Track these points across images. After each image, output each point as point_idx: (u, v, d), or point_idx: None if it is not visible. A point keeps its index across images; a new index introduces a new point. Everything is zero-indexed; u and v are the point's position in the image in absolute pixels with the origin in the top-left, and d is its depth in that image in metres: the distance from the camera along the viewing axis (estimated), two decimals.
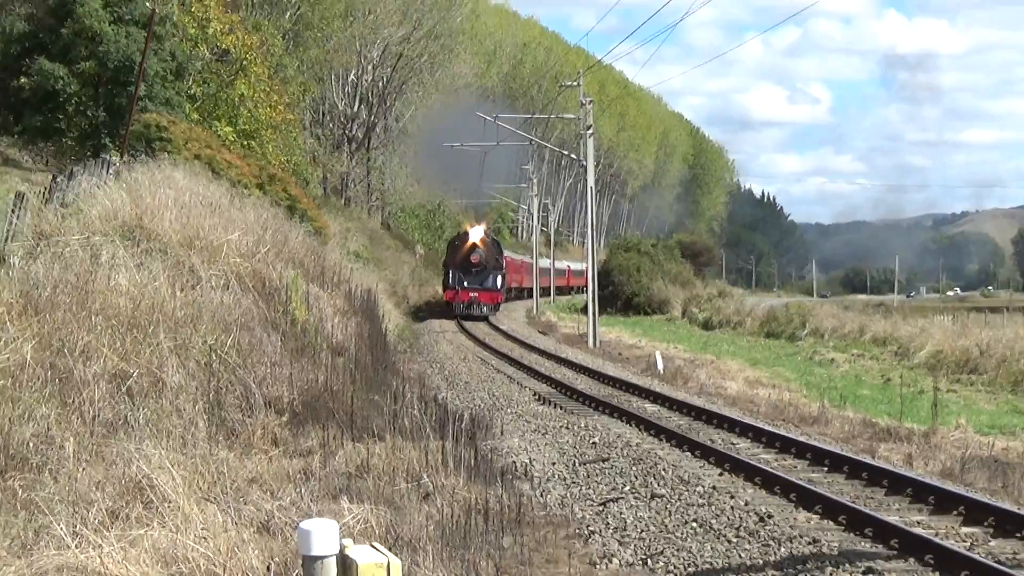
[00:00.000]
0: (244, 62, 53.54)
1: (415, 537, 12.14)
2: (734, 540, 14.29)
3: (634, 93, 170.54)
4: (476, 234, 79.39)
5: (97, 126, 41.17)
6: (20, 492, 11.47)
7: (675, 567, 13.31)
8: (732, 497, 16.57)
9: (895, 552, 13.41)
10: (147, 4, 43.26)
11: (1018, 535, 14.31)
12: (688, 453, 21.07)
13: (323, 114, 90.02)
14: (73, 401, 14.83)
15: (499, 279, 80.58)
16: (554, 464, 20.21)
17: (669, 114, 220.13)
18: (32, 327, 15.96)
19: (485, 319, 74.80)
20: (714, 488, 17.25)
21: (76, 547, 9.67)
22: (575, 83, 64.46)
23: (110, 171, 28.19)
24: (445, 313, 78.11)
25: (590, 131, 57.38)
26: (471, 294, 76.58)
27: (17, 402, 13.78)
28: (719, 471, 19.04)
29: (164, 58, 43.29)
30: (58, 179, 27.82)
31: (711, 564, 13.33)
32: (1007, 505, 15.84)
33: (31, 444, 12.97)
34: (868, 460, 19.32)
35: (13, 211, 22.22)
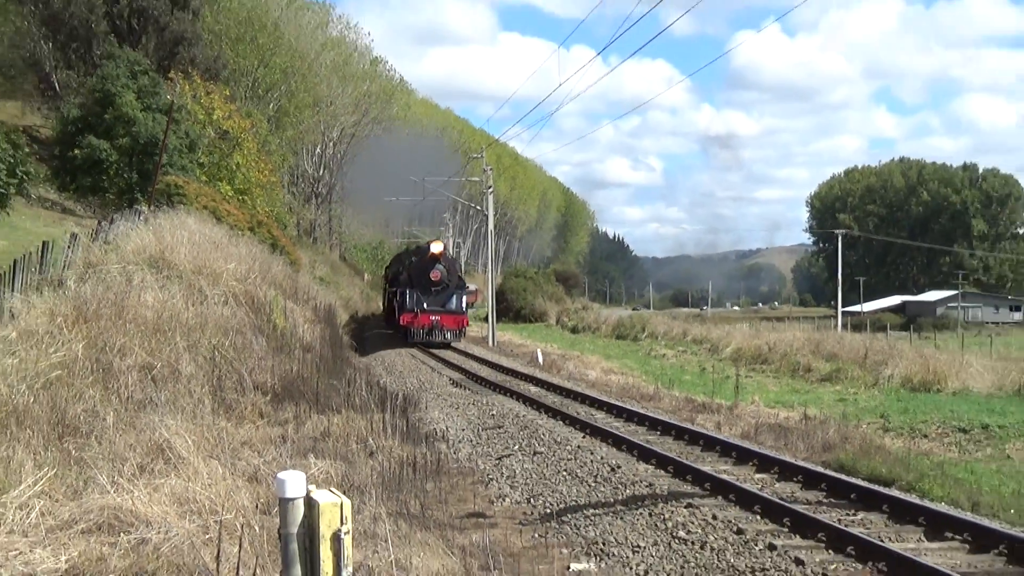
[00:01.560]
0: (239, 139, 53.21)
1: (363, 483, 12.16)
2: (593, 484, 14.38)
3: (522, 163, 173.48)
4: (437, 247, 51.48)
5: (131, 185, 40.55)
6: (73, 452, 11.31)
7: (550, 504, 13.38)
8: (592, 453, 16.60)
9: (708, 492, 13.58)
10: (168, 97, 43.24)
11: (795, 479, 14.46)
12: (560, 422, 21.05)
13: (297, 177, 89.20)
14: (112, 386, 14.58)
15: (463, 299, 51.99)
16: (463, 430, 20.32)
17: (547, 178, 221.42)
18: (82, 332, 15.82)
19: (447, 346, 48.43)
20: (579, 447, 17.28)
21: (114, 492, 9.56)
22: (479, 155, 64.55)
23: (140, 218, 27.87)
24: (394, 341, 50.25)
25: (490, 190, 57.47)
26: (432, 317, 49.49)
27: (71, 387, 13.57)
28: (583, 435, 19.03)
29: (180, 136, 42.91)
30: (102, 224, 27.44)
31: (576, 502, 13.39)
32: (786, 457, 15.89)
33: (81, 417, 12.76)
34: (689, 426, 19.32)
35: (69, 247, 21.97)
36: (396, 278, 54.85)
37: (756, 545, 10.86)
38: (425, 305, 48.11)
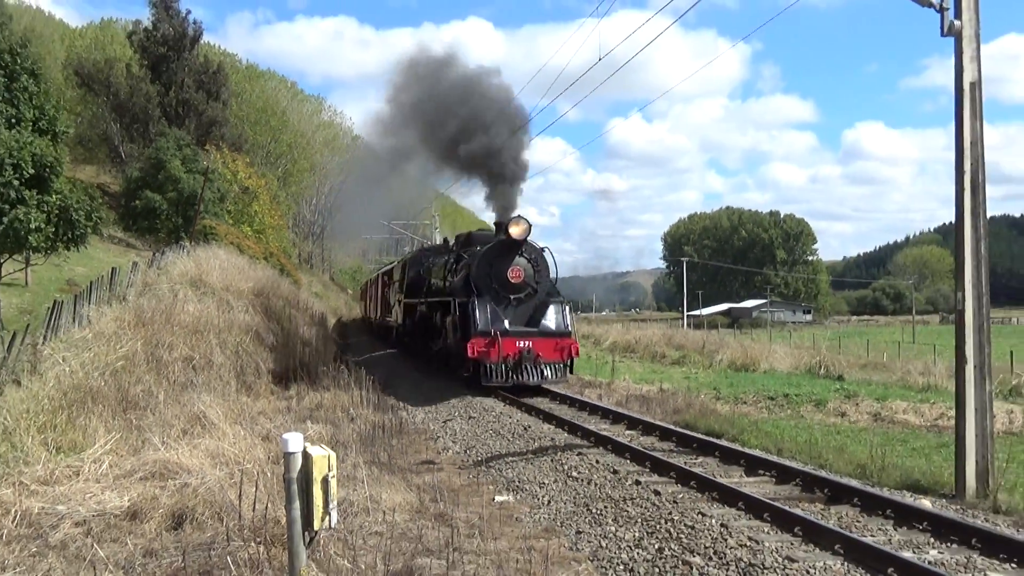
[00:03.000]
0: (257, 194, 52.60)
1: (346, 441, 12.14)
2: (511, 439, 14.37)
3: (461, 211, 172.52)
4: (518, 229, 19.94)
5: (177, 227, 40.07)
6: (134, 421, 11.27)
7: (481, 453, 13.34)
8: (510, 418, 16.57)
9: (592, 444, 13.58)
10: (204, 163, 43.01)
11: (654, 434, 14.57)
12: (491, 397, 19.94)
13: (299, 220, 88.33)
14: (163, 372, 14.51)
15: (565, 312, 20.27)
16: (420, 400, 19.80)
17: (479, 221, 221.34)
18: (140, 333, 15.70)
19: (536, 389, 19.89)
20: (502, 413, 17.22)
21: (164, 450, 9.57)
22: (430, 205, 65.06)
23: (184, 251, 27.59)
24: (443, 383, 21.32)
25: (438, 230, 57.94)
26: (521, 343, 19.15)
27: (132, 373, 13.48)
28: (503, 405, 18.56)
29: (213, 191, 42.35)
30: (155, 255, 27.13)
31: (500, 451, 13.36)
32: (648, 419, 15.82)
33: (140, 395, 12.72)
34: (579, 397, 19.22)
35: (131, 272, 21.95)
36: (417, 283, 27.76)
37: (627, 481, 10.92)
38: (507, 324, 19.90)
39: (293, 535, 5.71)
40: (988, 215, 10.45)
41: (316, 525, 5.68)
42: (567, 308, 20.30)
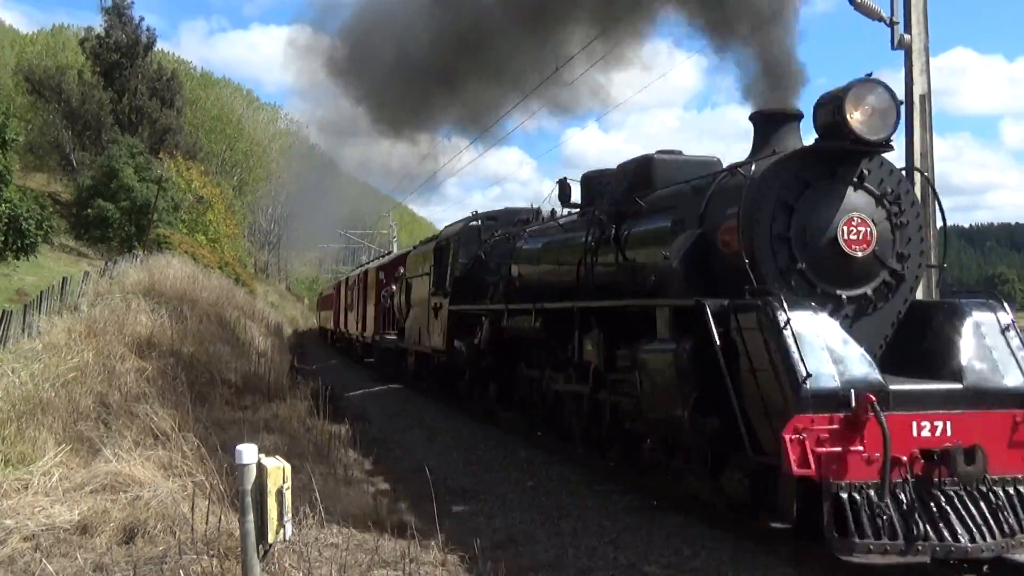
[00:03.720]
0: (211, 202, 52.15)
1: (302, 452, 11.87)
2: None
3: (419, 220, 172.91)
4: (872, 111, 6.57)
5: (130, 236, 39.77)
6: (84, 432, 11.00)
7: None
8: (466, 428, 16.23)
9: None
10: (158, 171, 42.80)
11: None
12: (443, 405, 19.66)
13: (254, 229, 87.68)
14: (115, 383, 14.37)
15: (1014, 334, 6.33)
16: (377, 410, 19.67)
17: (437, 230, 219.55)
18: (92, 344, 15.41)
19: None
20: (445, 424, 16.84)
21: (115, 462, 9.31)
22: (388, 214, 65.07)
23: (137, 260, 27.23)
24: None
25: (395, 240, 57.93)
26: (933, 427, 5.67)
27: (83, 384, 13.13)
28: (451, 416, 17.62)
29: (167, 200, 42.01)
30: (108, 264, 26.86)
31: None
32: None
33: (91, 407, 12.41)
34: None
35: (83, 281, 21.66)
36: (481, 275, 16.17)
37: None
38: (874, 369, 5.85)
39: (247, 548, 5.67)
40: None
41: (270, 538, 5.66)
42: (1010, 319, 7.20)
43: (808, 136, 7.77)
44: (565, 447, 11.98)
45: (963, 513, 6.00)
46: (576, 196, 12.39)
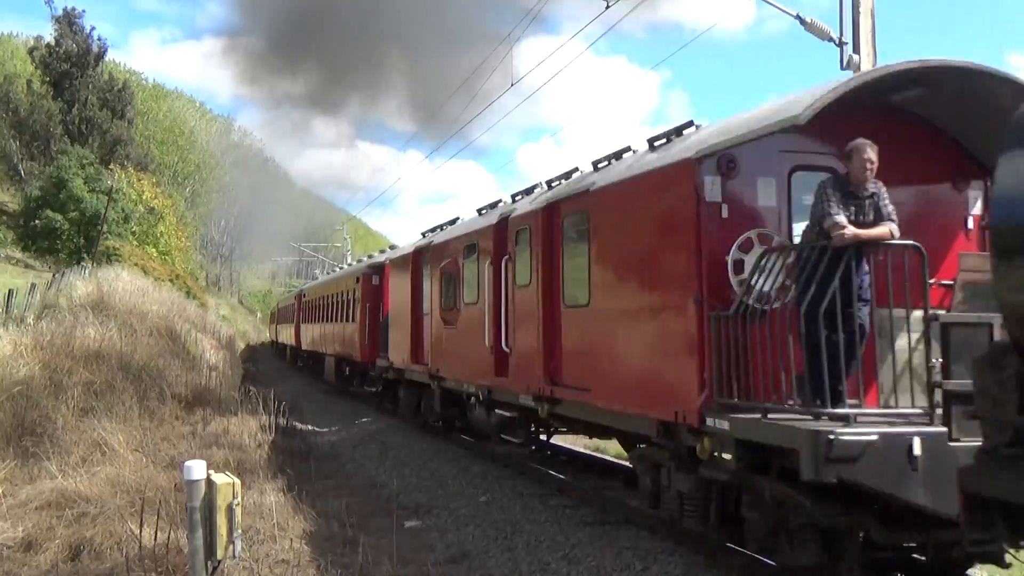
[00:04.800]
0: (163, 214, 51.60)
1: (253, 467, 11.79)
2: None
3: (373, 234, 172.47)
4: None
5: (79, 247, 39.22)
6: (30, 448, 10.90)
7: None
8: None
9: None
10: (108, 182, 42.23)
11: None
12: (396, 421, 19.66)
13: (207, 243, 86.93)
14: (62, 397, 14.10)
15: None
16: (330, 426, 19.74)
17: (391, 243, 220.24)
18: (39, 357, 15.20)
19: None
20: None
21: (61, 478, 9.30)
22: (342, 228, 64.81)
23: (86, 272, 26.88)
24: None
25: (349, 252, 57.69)
26: None
27: (29, 399, 13.03)
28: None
29: (117, 211, 41.57)
30: (56, 276, 26.54)
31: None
32: None
33: (37, 421, 12.32)
34: None
35: (29, 293, 21.34)
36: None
37: None
38: None
39: (195, 564, 5.63)
40: None
41: (219, 554, 5.61)
42: None
43: None
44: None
45: None
46: None
